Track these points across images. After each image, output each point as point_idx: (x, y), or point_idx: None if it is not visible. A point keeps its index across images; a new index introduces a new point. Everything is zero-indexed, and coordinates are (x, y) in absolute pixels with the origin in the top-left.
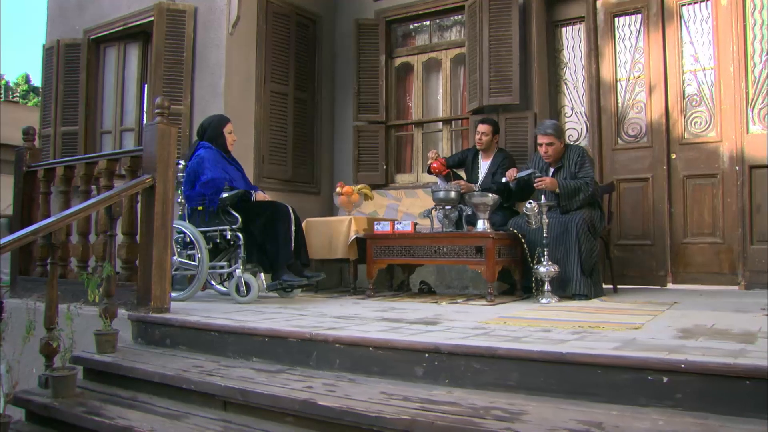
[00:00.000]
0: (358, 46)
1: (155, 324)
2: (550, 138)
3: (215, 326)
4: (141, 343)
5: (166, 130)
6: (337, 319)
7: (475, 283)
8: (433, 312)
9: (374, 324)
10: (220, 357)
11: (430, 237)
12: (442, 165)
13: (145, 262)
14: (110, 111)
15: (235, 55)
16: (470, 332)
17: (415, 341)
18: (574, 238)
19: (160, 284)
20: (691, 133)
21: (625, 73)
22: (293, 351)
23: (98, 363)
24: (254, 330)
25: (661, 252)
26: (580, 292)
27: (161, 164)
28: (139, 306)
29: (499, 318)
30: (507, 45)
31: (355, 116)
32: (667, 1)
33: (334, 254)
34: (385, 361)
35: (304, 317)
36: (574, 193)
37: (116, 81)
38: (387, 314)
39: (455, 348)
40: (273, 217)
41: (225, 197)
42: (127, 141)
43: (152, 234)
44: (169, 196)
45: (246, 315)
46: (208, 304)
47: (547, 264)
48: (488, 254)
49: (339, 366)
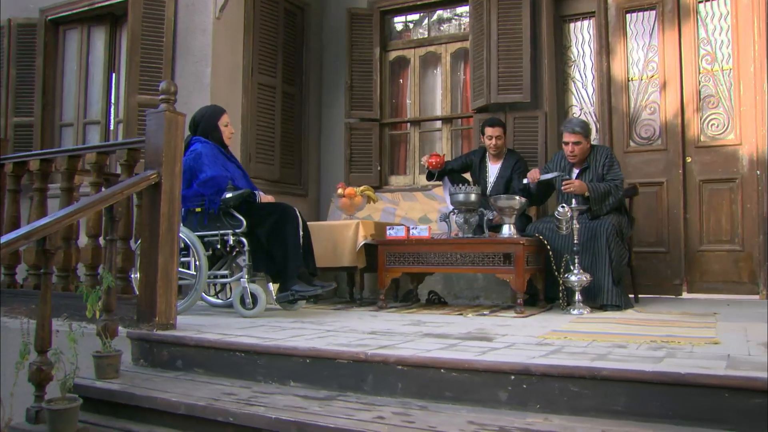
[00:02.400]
0: (350, 38)
1: (163, 343)
2: (578, 137)
3: (242, 345)
4: (143, 365)
5: (174, 118)
6: (374, 336)
7: (487, 293)
8: (472, 326)
9: (423, 341)
10: (249, 381)
11: (452, 243)
12: (437, 156)
13: (148, 272)
14: (71, 101)
15: (222, 42)
16: (539, 349)
17: (500, 362)
18: (604, 245)
19: (166, 297)
20: (708, 135)
21: (638, 72)
22: (342, 374)
23: (101, 391)
24: (293, 350)
25: (676, 260)
26: (613, 302)
27: (168, 158)
28: (140, 322)
29: (553, 332)
30: (517, 39)
31: (347, 113)
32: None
33: (339, 262)
34: (460, 385)
35: (334, 333)
36: (604, 197)
37: (79, 68)
38: (423, 329)
39: (549, 369)
40: (281, 220)
41: (229, 197)
42: (91, 135)
43: (157, 239)
44: (176, 195)
45: (266, 331)
46: (207, 318)
47: (578, 272)
48: (518, 262)
49: (402, 391)
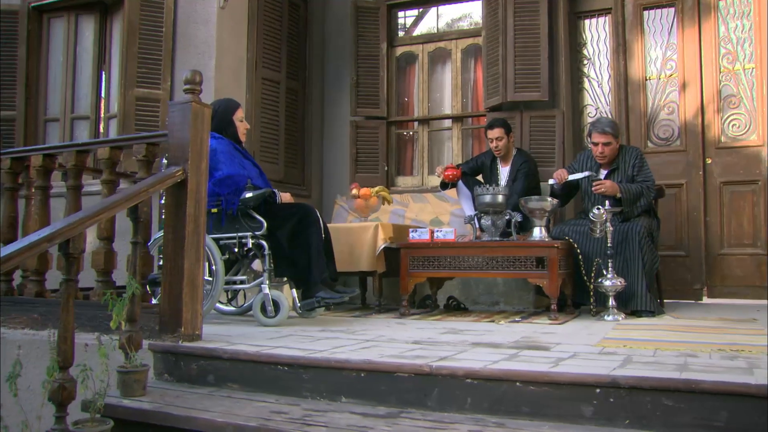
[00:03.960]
0: (356, 32)
1: (191, 356)
2: (608, 137)
3: (286, 358)
4: (168, 380)
5: (200, 110)
6: (420, 346)
7: (507, 298)
8: (515, 334)
9: (477, 351)
10: (295, 398)
11: (481, 246)
12: (453, 169)
13: (172, 278)
14: (58, 95)
15: (226, 33)
16: (607, 359)
17: (584, 374)
18: (636, 249)
19: (192, 305)
20: (729, 136)
21: (656, 71)
22: (403, 389)
23: (130, 411)
24: (345, 363)
25: (697, 264)
26: (647, 308)
27: (194, 153)
28: (163, 333)
29: (607, 340)
30: (534, 35)
31: (352, 110)
32: None
33: (356, 266)
34: (538, 400)
35: (375, 344)
36: (636, 198)
37: (65, 60)
38: (466, 337)
39: (640, 381)
40: (303, 222)
41: (248, 197)
42: (80, 131)
43: (183, 242)
44: (202, 194)
45: (299, 342)
46: (224, 327)
47: (612, 277)
48: (551, 266)
49: (472, 406)
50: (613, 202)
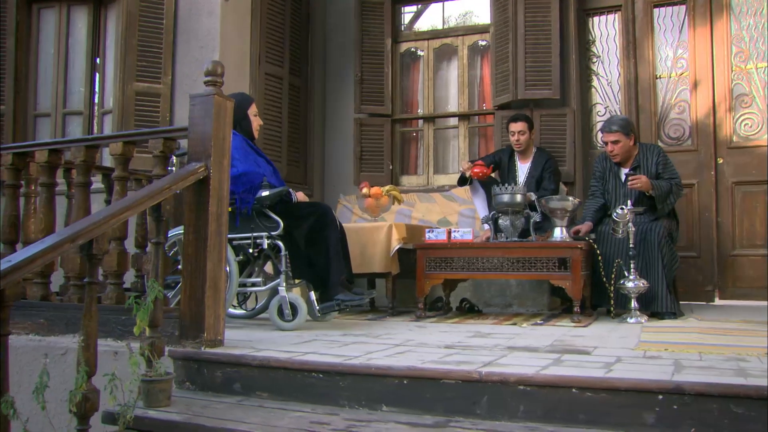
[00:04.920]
0: (361, 28)
1: (216, 363)
2: (616, 135)
3: (321, 365)
4: (191, 389)
5: (223, 104)
6: (454, 350)
7: (521, 300)
8: (546, 337)
9: (516, 356)
10: (332, 407)
11: (501, 247)
12: (483, 167)
13: (194, 280)
14: (48, 89)
15: (230, 25)
16: (654, 363)
17: (646, 380)
18: (656, 249)
19: (215, 309)
20: (741, 136)
21: (666, 69)
22: (449, 396)
23: (158, 423)
24: (387, 370)
25: (708, 265)
26: (669, 309)
27: (217, 149)
28: (183, 338)
29: (644, 344)
30: (546, 32)
31: (357, 107)
32: None
33: (369, 267)
34: (596, 407)
35: (407, 348)
36: (667, 195)
37: (57, 52)
38: (498, 341)
39: (707, 388)
40: (320, 221)
41: (265, 196)
42: (72, 127)
43: (205, 242)
44: (225, 192)
45: (327, 347)
46: (238, 332)
47: (635, 279)
48: (575, 267)
49: (524, 414)
50: (635, 202)
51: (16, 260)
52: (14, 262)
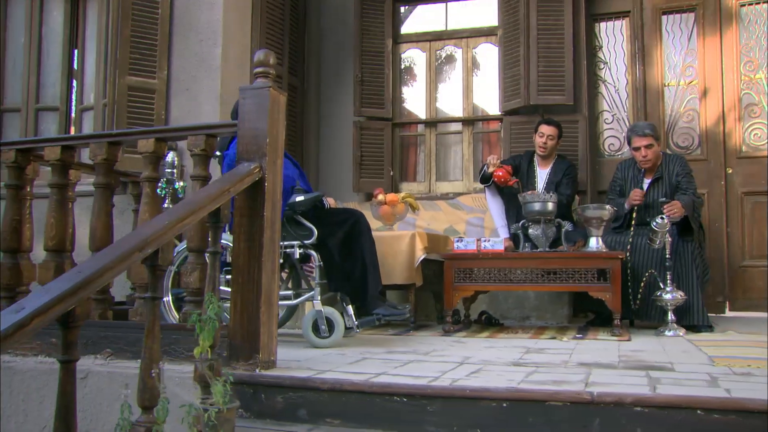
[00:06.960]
0: (360, 27)
1: (276, 387)
2: (649, 139)
3: (404, 388)
4: (245, 416)
5: (278, 98)
6: (524, 368)
7: (540, 313)
8: (608, 353)
9: (601, 373)
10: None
11: (536, 257)
12: (508, 174)
13: (246, 294)
14: (18, 82)
15: (232, 18)
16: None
17: None
18: (689, 260)
19: (269, 326)
20: (750, 146)
21: (675, 77)
22: (555, 419)
23: None
24: (484, 392)
25: (719, 276)
26: (705, 322)
27: (272, 148)
28: (234, 360)
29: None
30: (558, 36)
31: (356, 110)
32: (725, 0)
33: (389, 279)
34: (722, 429)
35: (475, 366)
36: (697, 213)
37: (29, 42)
38: (560, 357)
39: None
40: (355, 230)
41: (299, 201)
42: (46, 124)
43: (260, 251)
44: (279, 196)
45: (387, 366)
46: None
47: (672, 290)
48: (614, 278)
49: None
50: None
51: (87, 273)
52: (86, 274)
